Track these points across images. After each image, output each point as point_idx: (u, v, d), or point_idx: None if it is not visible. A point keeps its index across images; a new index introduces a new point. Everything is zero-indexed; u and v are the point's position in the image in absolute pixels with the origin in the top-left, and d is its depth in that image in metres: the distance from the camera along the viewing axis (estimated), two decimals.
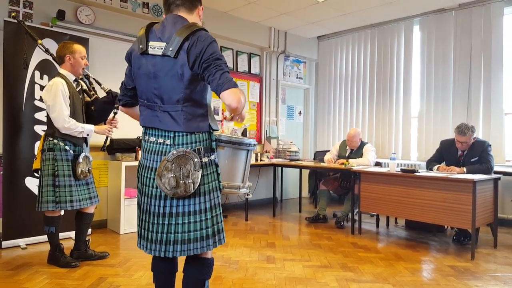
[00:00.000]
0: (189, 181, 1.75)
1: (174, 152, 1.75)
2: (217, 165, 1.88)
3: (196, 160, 1.76)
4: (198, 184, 1.77)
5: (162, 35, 1.78)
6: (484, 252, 3.90)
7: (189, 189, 1.75)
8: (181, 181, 1.74)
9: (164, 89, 1.77)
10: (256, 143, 2.34)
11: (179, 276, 1.97)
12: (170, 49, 1.73)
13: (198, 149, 1.79)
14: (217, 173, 1.87)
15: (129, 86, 1.95)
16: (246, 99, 1.78)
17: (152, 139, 1.84)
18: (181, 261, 1.99)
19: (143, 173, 1.88)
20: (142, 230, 1.87)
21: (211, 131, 1.86)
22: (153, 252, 1.81)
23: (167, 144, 1.80)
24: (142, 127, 1.91)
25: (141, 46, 1.80)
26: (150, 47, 1.78)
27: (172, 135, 1.79)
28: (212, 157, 1.85)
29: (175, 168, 1.74)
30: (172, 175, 1.74)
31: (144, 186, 1.86)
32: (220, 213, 1.87)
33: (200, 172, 1.77)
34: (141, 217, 1.89)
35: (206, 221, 1.80)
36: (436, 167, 4.42)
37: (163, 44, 1.75)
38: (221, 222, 1.87)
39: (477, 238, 4.16)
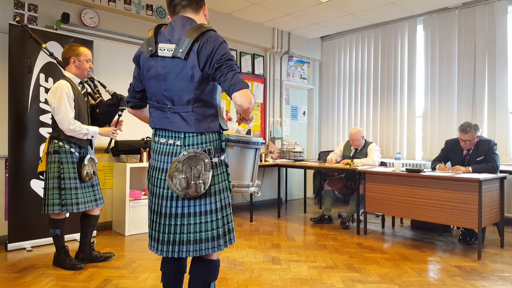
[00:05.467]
0: (200, 181, 1.75)
1: (185, 153, 1.75)
2: (227, 165, 1.88)
3: (206, 160, 1.76)
4: (208, 184, 1.77)
5: (171, 37, 1.78)
6: (490, 252, 3.87)
7: (200, 190, 1.75)
8: (192, 182, 1.74)
9: (174, 90, 1.78)
10: (264, 141, 2.35)
11: (186, 277, 1.97)
12: (180, 50, 1.73)
13: (208, 150, 1.79)
14: (227, 173, 1.87)
15: (138, 88, 1.96)
16: (255, 100, 1.79)
17: (162, 140, 1.84)
18: (189, 262, 1.99)
19: (153, 175, 1.88)
20: (153, 232, 1.87)
21: (221, 131, 1.86)
22: (165, 253, 1.80)
23: (177, 145, 1.80)
24: (152, 128, 1.91)
25: (150, 48, 1.80)
26: (160, 49, 1.78)
27: (182, 136, 1.79)
28: (222, 157, 1.85)
29: (186, 169, 1.74)
30: (183, 176, 1.74)
31: (155, 188, 1.86)
32: (231, 213, 1.87)
33: (211, 172, 1.77)
34: (152, 218, 1.88)
35: (217, 221, 1.80)
36: (437, 166, 4.40)
37: (172, 46, 1.75)
38: (231, 222, 1.87)
39: (483, 238, 4.14)
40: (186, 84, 1.75)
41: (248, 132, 6.18)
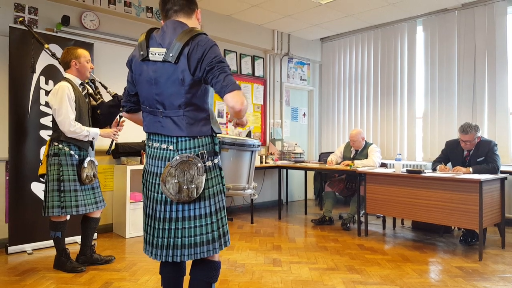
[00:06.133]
0: (193, 186, 1.74)
1: (178, 157, 1.75)
2: (220, 169, 1.88)
3: (199, 165, 1.76)
4: (202, 188, 1.77)
5: (163, 41, 1.78)
6: (492, 253, 3.87)
7: (192, 194, 1.75)
8: (184, 187, 1.74)
9: (165, 94, 1.78)
10: (260, 143, 2.34)
11: (186, 279, 1.96)
12: (171, 54, 1.73)
13: (201, 154, 1.79)
14: (221, 177, 1.87)
15: (132, 92, 1.96)
16: (248, 103, 1.79)
17: (156, 144, 1.85)
18: (188, 264, 1.98)
19: (147, 179, 1.88)
20: (148, 236, 1.87)
21: (214, 134, 1.86)
22: (159, 257, 1.80)
23: (170, 150, 1.80)
24: (146, 133, 1.91)
25: (141, 53, 1.81)
26: (151, 53, 1.78)
27: (175, 140, 1.79)
28: (216, 161, 1.85)
29: (179, 173, 1.74)
30: (176, 181, 1.74)
31: (149, 192, 1.87)
32: (225, 216, 1.87)
33: (204, 176, 1.77)
34: (146, 222, 1.89)
35: (212, 225, 1.80)
36: (437, 167, 4.40)
37: (163, 50, 1.75)
38: (226, 224, 1.87)
39: (484, 238, 4.14)
40: (177, 88, 1.75)
41: (249, 134, 6.19)
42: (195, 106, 1.79)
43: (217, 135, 1.89)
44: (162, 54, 1.75)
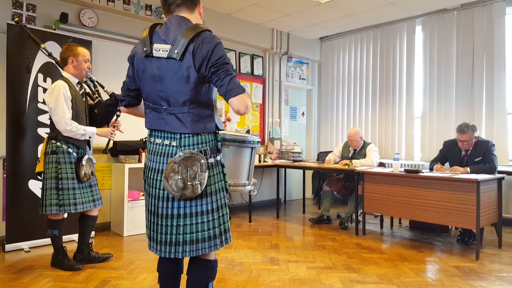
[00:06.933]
0: (196, 182, 1.74)
1: (181, 153, 1.75)
2: (223, 166, 1.88)
3: (203, 161, 1.76)
4: (205, 185, 1.77)
5: (167, 37, 1.77)
6: (488, 252, 3.88)
7: (196, 190, 1.75)
8: (188, 183, 1.73)
9: (170, 91, 1.77)
10: (259, 140, 2.35)
11: (183, 278, 1.96)
12: (176, 51, 1.72)
13: (204, 150, 1.79)
14: (223, 173, 1.87)
15: (132, 87, 1.94)
16: (251, 102, 1.81)
17: (158, 141, 1.84)
18: (185, 263, 1.98)
19: (149, 175, 1.88)
20: (151, 232, 1.87)
21: (217, 131, 1.86)
22: (163, 253, 1.81)
23: (173, 146, 1.79)
24: (148, 129, 1.90)
25: (145, 49, 1.79)
26: (155, 50, 1.76)
27: (178, 136, 1.78)
28: (218, 158, 1.85)
29: (182, 169, 1.74)
30: (179, 177, 1.73)
31: (151, 188, 1.86)
32: (227, 213, 1.87)
33: (207, 173, 1.77)
34: (149, 219, 1.89)
35: (213, 221, 1.80)
36: (434, 167, 4.41)
37: (167, 47, 1.74)
38: (228, 221, 1.87)
39: (481, 238, 4.15)
40: (182, 85, 1.74)
41: (247, 132, 6.18)
42: (200, 103, 1.78)
43: (219, 131, 1.89)
44: (167, 51, 1.74)
